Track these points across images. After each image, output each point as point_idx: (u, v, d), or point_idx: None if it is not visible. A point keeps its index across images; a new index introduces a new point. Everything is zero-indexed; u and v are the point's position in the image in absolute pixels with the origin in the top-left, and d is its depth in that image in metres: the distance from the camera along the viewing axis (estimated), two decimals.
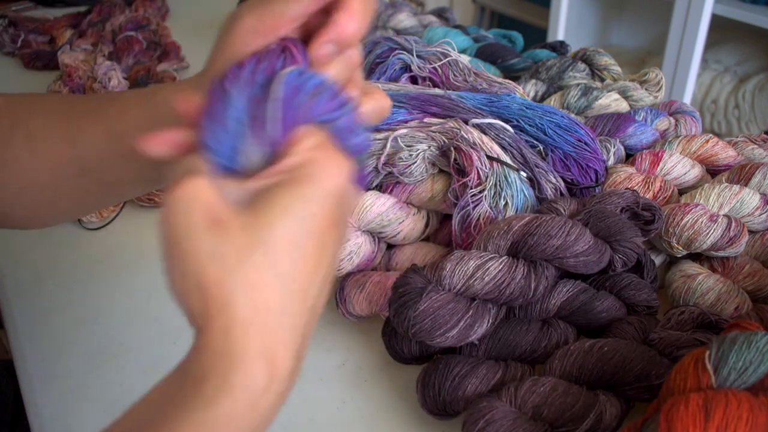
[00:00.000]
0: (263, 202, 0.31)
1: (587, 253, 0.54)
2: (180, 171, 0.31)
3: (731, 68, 2.13)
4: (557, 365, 0.50)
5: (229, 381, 0.29)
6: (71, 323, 0.64)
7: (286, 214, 0.30)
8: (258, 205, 0.31)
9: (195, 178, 0.31)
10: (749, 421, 0.36)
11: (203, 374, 0.29)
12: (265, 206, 0.30)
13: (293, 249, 0.30)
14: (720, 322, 0.53)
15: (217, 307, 0.29)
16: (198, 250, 0.29)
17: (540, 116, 0.69)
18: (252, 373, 0.29)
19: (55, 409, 0.55)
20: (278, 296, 0.30)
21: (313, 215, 0.31)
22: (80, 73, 1.08)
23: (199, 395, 0.29)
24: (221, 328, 0.29)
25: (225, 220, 0.30)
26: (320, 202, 0.31)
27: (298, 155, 0.32)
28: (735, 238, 0.61)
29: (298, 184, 0.31)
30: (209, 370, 0.29)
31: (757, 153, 0.76)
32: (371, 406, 0.55)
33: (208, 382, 0.29)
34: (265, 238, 0.30)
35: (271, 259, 0.30)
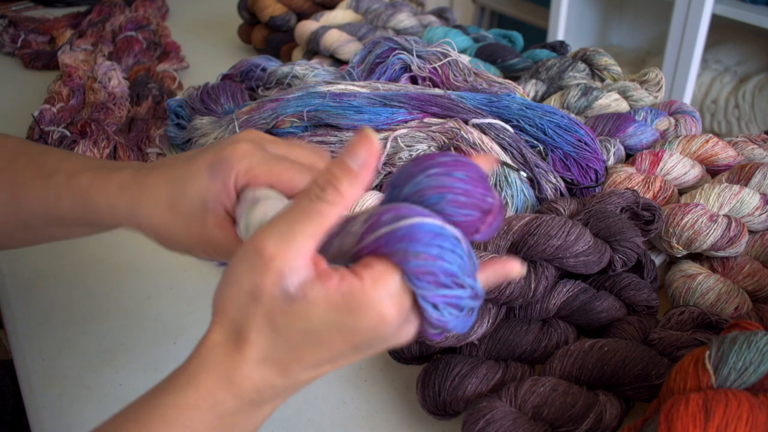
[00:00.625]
0: (300, 305, 0.34)
1: (587, 253, 0.54)
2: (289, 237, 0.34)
3: (731, 68, 2.13)
4: (557, 365, 0.50)
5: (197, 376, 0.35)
6: (71, 323, 0.64)
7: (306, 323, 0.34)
8: (294, 305, 0.34)
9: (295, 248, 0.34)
10: (749, 421, 0.36)
11: (188, 363, 0.35)
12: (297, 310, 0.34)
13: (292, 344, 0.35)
14: (720, 322, 0.53)
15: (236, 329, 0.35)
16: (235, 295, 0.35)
17: (540, 116, 0.69)
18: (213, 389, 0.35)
19: (55, 409, 0.55)
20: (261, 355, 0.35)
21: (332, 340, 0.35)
22: (80, 73, 1.08)
23: (176, 381, 0.35)
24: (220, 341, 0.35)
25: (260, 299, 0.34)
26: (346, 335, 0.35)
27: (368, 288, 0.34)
28: (735, 238, 0.61)
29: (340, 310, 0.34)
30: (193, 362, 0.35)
31: (757, 153, 0.76)
32: (371, 406, 0.55)
33: (185, 370, 0.35)
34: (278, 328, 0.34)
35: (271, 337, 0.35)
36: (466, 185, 0.35)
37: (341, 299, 0.33)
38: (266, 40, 1.22)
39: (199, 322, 0.63)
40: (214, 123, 0.79)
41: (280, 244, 0.34)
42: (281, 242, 0.34)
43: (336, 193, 0.35)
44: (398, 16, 1.10)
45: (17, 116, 1.02)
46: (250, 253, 0.34)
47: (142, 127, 0.92)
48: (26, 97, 1.11)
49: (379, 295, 0.33)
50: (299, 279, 0.34)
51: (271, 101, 0.73)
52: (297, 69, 0.85)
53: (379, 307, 0.34)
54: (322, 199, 0.35)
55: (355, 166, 0.35)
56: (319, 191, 0.35)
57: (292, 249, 0.34)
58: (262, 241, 0.34)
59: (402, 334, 0.36)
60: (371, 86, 0.73)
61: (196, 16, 1.52)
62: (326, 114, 0.68)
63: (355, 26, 1.07)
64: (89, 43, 1.22)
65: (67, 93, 1.02)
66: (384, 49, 0.81)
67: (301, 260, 0.34)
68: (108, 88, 1.02)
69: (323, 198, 0.35)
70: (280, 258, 0.33)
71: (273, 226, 0.34)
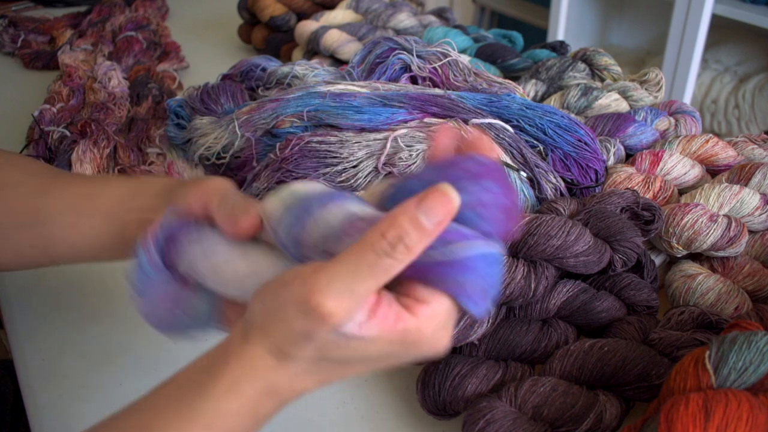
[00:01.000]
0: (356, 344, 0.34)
1: (587, 253, 0.54)
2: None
3: (731, 68, 2.13)
4: (557, 365, 0.50)
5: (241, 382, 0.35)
6: (71, 323, 0.64)
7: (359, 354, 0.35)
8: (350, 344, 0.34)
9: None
10: (749, 421, 0.36)
11: (227, 368, 0.35)
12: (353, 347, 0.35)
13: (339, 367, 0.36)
14: (720, 322, 0.53)
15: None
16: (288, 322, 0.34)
17: (540, 116, 0.69)
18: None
19: (55, 409, 0.55)
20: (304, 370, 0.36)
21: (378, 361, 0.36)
22: (80, 73, 1.08)
23: (215, 386, 0.35)
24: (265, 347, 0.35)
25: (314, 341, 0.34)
26: (394, 358, 0.36)
27: (423, 327, 0.34)
28: (735, 238, 0.61)
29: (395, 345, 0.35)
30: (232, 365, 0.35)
31: (757, 153, 0.76)
32: (371, 406, 0.55)
33: (225, 375, 0.35)
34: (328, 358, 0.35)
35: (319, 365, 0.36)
36: (499, 199, 0.35)
37: (398, 337, 0.34)
38: (266, 40, 1.22)
39: None
40: (214, 123, 0.79)
41: (340, 301, 0.32)
42: (342, 300, 0.32)
43: (406, 251, 0.33)
44: (398, 16, 1.10)
45: (17, 116, 1.02)
46: (304, 302, 0.33)
47: (142, 127, 0.92)
48: (26, 97, 1.11)
49: (435, 330, 0.34)
50: (357, 321, 0.34)
51: (271, 101, 0.73)
52: (297, 69, 0.85)
53: (435, 340, 0.35)
54: (390, 256, 0.32)
55: (429, 225, 0.32)
56: (388, 248, 0.32)
57: (352, 306, 0.33)
58: (321, 295, 0.32)
59: (440, 343, 0.36)
60: (371, 86, 0.73)
61: (196, 16, 1.52)
62: (326, 114, 0.68)
63: (355, 26, 1.07)
64: (89, 43, 1.22)
65: (67, 93, 1.02)
66: (384, 49, 0.81)
67: (359, 310, 0.33)
68: (108, 88, 1.02)
69: (392, 255, 0.32)
70: (338, 316, 0.33)
71: (333, 278, 0.33)
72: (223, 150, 0.74)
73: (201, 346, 0.63)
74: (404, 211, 0.33)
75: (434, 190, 0.33)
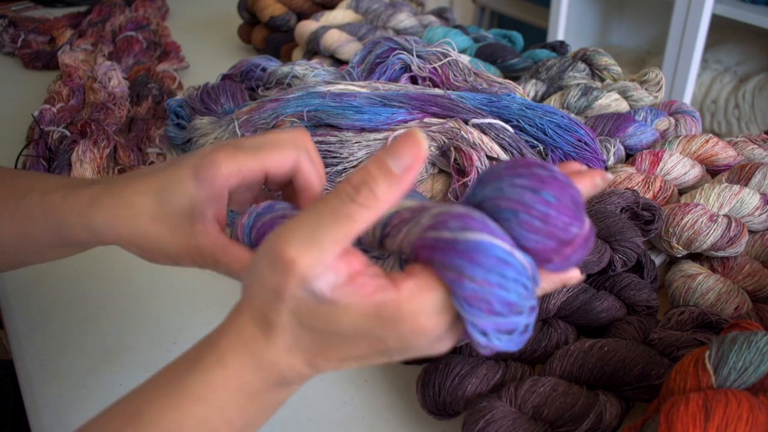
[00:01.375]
0: (329, 310, 0.32)
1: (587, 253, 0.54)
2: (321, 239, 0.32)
3: (731, 68, 2.13)
4: (557, 365, 0.50)
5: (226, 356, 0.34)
6: (71, 323, 0.64)
7: (333, 326, 0.32)
8: (322, 308, 0.32)
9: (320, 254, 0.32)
10: (749, 421, 0.36)
11: (216, 341, 0.34)
12: (325, 314, 0.32)
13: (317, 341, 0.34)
14: (720, 322, 0.53)
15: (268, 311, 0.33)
16: (262, 285, 0.33)
17: (540, 116, 0.69)
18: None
19: (55, 409, 0.55)
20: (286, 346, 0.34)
21: (358, 344, 0.33)
22: (80, 73, 1.08)
23: (205, 359, 0.34)
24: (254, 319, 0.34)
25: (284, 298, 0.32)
26: (374, 341, 0.33)
27: (405, 300, 0.31)
28: (735, 238, 0.61)
29: (370, 320, 0.32)
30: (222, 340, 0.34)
31: (757, 153, 0.76)
32: (371, 406, 0.55)
33: (214, 348, 0.34)
34: (303, 324, 0.33)
35: (296, 332, 0.33)
36: (549, 209, 0.31)
37: (373, 309, 0.31)
38: (266, 40, 1.22)
39: (199, 322, 0.63)
40: (214, 123, 0.79)
41: (302, 248, 0.31)
42: (304, 247, 0.31)
43: (371, 196, 0.31)
44: (398, 16, 1.10)
45: (17, 116, 1.02)
46: (270, 252, 0.32)
47: (142, 127, 0.92)
48: (26, 97, 1.11)
49: (415, 310, 0.31)
50: (329, 282, 0.31)
51: (271, 101, 0.73)
52: (297, 69, 0.85)
53: (413, 323, 0.31)
54: (354, 200, 0.31)
55: (396, 168, 0.31)
56: (352, 191, 0.31)
57: (315, 254, 0.31)
58: (283, 243, 0.31)
59: (437, 347, 0.33)
60: (371, 86, 0.73)
61: (196, 16, 1.52)
62: (326, 114, 0.68)
63: (355, 26, 1.07)
64: (89, 43, 1.22)
65: (67, 93, 1.02)
66: (384, 49, 0.81)
67: (326, 265, 0.31)
68: (108, 88, 1.02)
69: (356, 200, 0.31)
70: (302, 264, 0.31)
71: (296, 226, 0.32)
72: None
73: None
74: (373, 157, 0.31)
75: (405, 133, 0.31)
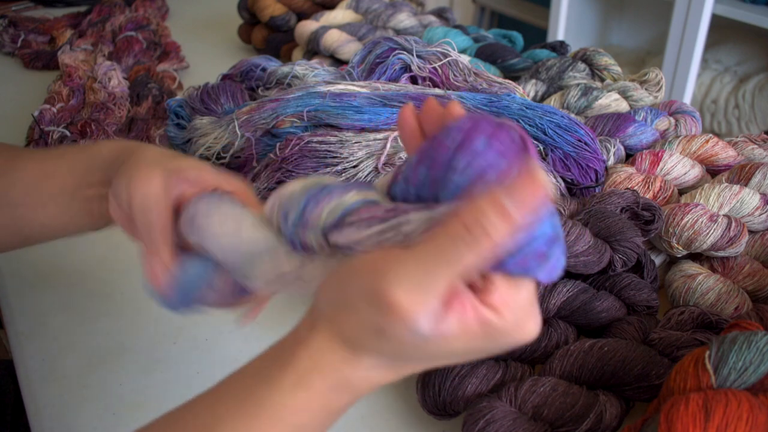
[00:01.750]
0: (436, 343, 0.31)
1: (587, 253, 0.54)
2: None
3: (731, 68, 2.13)
4: (557, 365, 0.50)
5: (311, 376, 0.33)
6: (71, 323, 0.64)
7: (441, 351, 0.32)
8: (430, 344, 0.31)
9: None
10: (749, 421, 0.36)
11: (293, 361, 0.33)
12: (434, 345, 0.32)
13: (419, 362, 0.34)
14: (720, 322, 0.53)
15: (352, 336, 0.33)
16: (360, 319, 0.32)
17: (540, 116, 0.69)
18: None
19: (55, 409, 0.55)
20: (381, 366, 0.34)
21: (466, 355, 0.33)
22: (80, 73, 1.08)
23: (282, 378, 0.33)
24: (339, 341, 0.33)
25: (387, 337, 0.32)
26: (481, 352, 0.33)
27: (504, 318, 0.31)
28: (735, 238, 0.61)
29: (480, 339, 0.32)
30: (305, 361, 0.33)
31: (757, 153, 0.76)
32: (371, 407, 0.55)
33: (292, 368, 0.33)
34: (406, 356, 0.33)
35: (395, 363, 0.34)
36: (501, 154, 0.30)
37: (480, 330, 0.31)
38: (266, 40, 1.22)
39: (199, 323, 0.63)
40: (214, 123, 0.79)
41: (411, 293, 0.29)
42: (414, 292, 0.29)
43: (486, 238, 0.28)
44: (398, 16, 1.10)
45: (17, 116, 1.02)
46: (372, 291, 0.30)
47: (142, 127, 0.92)
48: (26, 97, 1.11)
49: (516, 317, 0.31)
50: (430, 318, 0.30)
51: (271, 101, 0.73)
52: (297, 69, 0.85)
53: (521, 328, 0.32)
54: (467, 243, 0.28)
55: (515, 212, 0.28)
56: (464, 232, 0.28)
57: (424, 300, 0.29)
58: (390, 285, 0.29)
59: (535, 327, 0.33)
60: (371, 86, 0.73)
61: (196, 16, 1.52)
62: (326, 114, 0.68)
63: (355, 26, 1.07)
64: (89, 43, 1.22)
65: (67, 93, 1.02)
66: (384, 49, 0.81)
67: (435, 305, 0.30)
68: (108, 88, 1.02)
69: (469, 242, 0.28)
70: (413, 310, 0.29)
71: (403, 267, 0.29)
72: (223, 150, 0.74)
73: (201, 346, 0.63)
74: (486, 194, 0.29)
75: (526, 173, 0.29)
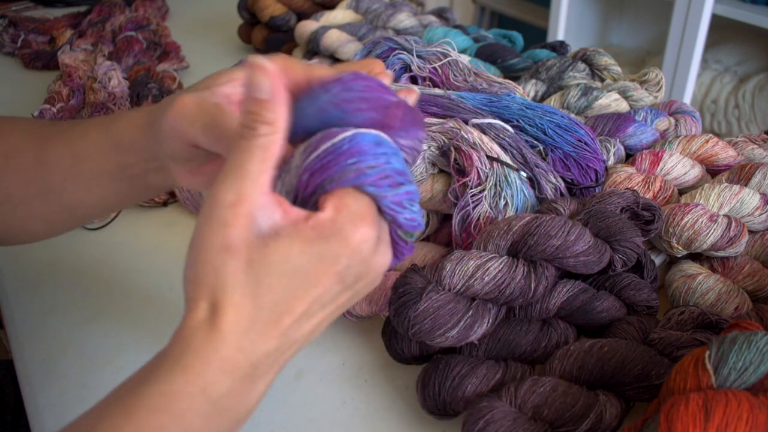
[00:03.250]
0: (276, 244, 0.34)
1: (587, 253, 0.54)
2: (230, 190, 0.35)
3: (731, 68, 2.13)
4: (557, 365, 0.50)
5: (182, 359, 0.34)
6: (71, 323, 0.64)
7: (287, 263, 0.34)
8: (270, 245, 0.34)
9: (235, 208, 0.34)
10: (749, 421, 0.36)
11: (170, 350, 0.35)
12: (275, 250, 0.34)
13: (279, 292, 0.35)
14: (720, 322, 0.53)
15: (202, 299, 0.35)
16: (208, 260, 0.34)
17: (540, 116, 0.69)
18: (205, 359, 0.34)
19: (55, 409, 0.55)
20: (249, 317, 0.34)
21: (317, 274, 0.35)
22: (80, 73, 1.08)
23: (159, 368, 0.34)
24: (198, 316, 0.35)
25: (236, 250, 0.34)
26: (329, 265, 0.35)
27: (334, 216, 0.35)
28: (735, 238, 0.61)
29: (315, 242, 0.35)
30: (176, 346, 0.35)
31: (757, 153, 0.76)
32: (371, 406, 0.55)
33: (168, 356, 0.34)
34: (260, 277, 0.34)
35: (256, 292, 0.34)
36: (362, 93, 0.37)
37: (313, 232, 0.34)
38: (266, 40, 1.22)
39: None
40: None
41: (238, 188, 0.34)
42: (238, 186, 0.34)
43: (266, 125, 0.35)
44: (398, 16, 1.10)
45: (17, 116, 1.02)
46: (214, 209, 0.34)
47: None
48: (26, 97, 1.11)
49: (348, 217, 0.35)
50: (270, 219, 0.34)
51: None
52: None
53: (352, 228, 0.35)
54: (255, 134, 0.35)
55: (265, 95, 0.35)
56: (249, 130, 0.35)
57: (251, 188, 0.34)
58: (221, 193, 0.34)
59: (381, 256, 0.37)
60: None
61: (196, 16, 1.52)
62: None
63: (355, 26, 1.07)
64: (89, 43, 1.22)
65: (67, 93, 1.02)
66: (384, 49, 0.81)
67: (265, 197, 0.34)
68: (108, 88, 1.02)
69: (257, 132, 0.35)
70: (244, 201, 0.34)
71: (223, 177, 0.35)
72: None
73: None
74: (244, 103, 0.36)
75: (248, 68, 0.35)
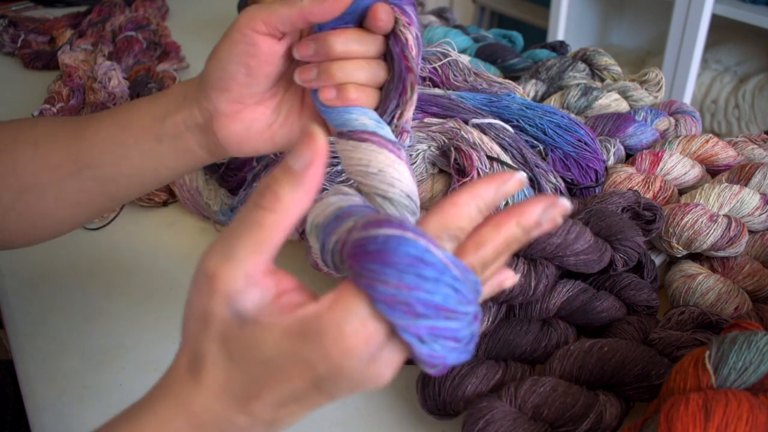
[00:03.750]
0: (252, 328, 0.30)
1: (587, 252, 0.54)
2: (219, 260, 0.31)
3: (731, 68, 2.13)
4: (557, 365, 0.50)
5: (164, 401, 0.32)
6: (71, 323, 0.64)
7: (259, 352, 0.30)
8: (247, 328, 0.30)
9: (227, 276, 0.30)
10: (749, 421, 0.36)
11: (156, 387, 0.33)
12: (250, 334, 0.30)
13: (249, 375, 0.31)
14: (720, 322, 0.53)
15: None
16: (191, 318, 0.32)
17: (540, 116, 0.69)
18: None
19: (55, 409, 0.55)
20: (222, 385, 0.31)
21: (288, 372, 0.30)
22: (80, 73, 1.08)
23: (137, 407, 0.33)
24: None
25: (212, 323, 0.31)
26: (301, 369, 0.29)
27: (323, 313, 0.29)
28: (735, 238, 0.61)
29: (293, 339, 0.29)
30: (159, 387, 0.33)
31: (757, 153, 0.76)
32: (371, 406, 0.55)
33: (150, 396, 0.33)
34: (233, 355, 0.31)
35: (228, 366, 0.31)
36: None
37: (296, 325, 0.29)
38: None
39: None
40: None
41: (220, 262, 0.30)
42: (222, 260, 0.30)
43: (274, 199, 0.30)
44: None
45: (17, 116, 1.01)
46: (198, 275, 0.31)
47: None
48: (26, 97, 1.11)
49: (336, 320, 0.28)
50: (254, 300, 0.30)
51: None
52: None
53: (337, 335, 0.28)
54: (258, 205, 0.30)
55: (297, 167, 0.29)
56: (257, 197, 0.30)
57: (233, 267, 0.30)
58: (206, 261, 0.31)
59: (374, 371, 0.30)
60: None
61: (196, 16, 1.52)
62: None
63: None
64: (89, 43, 1.22)
65: (67, 93, 1.02)
66: None
67: (248, 280, 0.30)
68: (108, 88, 1.02)
69: (260, 204, 0.30)
70: (222, 278, 0.30)
71: (216, 242, 0.31)
72: None
73: None
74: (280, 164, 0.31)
75: (303, 133, 0.30)
